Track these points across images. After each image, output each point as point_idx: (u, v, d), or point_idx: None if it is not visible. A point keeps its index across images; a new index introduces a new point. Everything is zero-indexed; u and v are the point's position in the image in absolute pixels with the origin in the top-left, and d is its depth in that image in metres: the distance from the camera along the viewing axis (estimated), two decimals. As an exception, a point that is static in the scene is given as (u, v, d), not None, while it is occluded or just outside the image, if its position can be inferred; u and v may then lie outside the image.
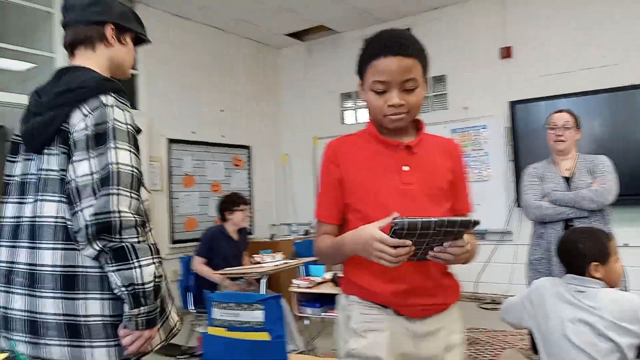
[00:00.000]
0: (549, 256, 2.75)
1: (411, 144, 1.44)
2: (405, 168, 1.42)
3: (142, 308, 1.35)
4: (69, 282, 1.36)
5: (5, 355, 1.34)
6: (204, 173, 6.56)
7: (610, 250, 1.92)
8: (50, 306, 1.36)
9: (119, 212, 1.31)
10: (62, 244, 1.38)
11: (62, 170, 1.39)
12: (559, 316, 1.87)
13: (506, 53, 5.89)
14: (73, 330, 1.36)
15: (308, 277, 3.31)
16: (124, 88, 1.47)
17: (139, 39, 1.65)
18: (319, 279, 3.20)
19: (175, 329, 1.58)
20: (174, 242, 6.05)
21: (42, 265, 1.38)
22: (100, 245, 1.31)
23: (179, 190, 6.22)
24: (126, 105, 1.43)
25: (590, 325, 1.80)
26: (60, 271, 1.37)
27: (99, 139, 1.34)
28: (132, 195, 1.34)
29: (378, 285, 1.40)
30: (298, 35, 7.28)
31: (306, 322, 3.33)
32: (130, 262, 1.32)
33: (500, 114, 5.87)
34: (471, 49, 6.15)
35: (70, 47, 1.55)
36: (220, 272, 4.05)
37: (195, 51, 6.51)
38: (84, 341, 1.36)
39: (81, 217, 1.32)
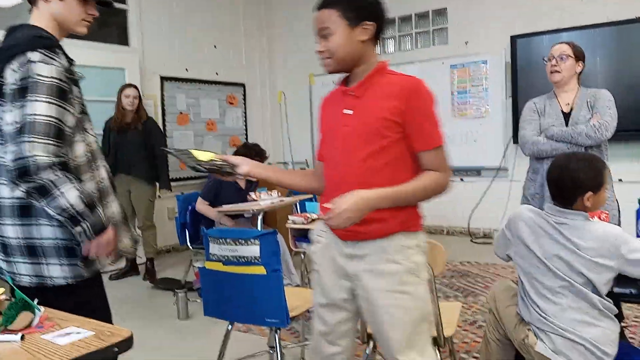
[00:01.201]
0: (543, 192, 2.76)
1: (351, 88, 1.61)
2: (347, 111, 1.61)
3: (82, 224, 1.55)
4: (24, 211, 1.60)
5: (2, 290, 1.36)
6: (198, 111, 6.49)
7: (604, 179, 1.89)
8: (11, 231, 1.62)
9: (34, 156, 1.46)
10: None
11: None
12: (536, 248, 1.88)
13: (508, -15, 5.68)
14: (31, 251, 1.62)
15: (304, 213, 3.34)
16: (57, 43, 1.62)
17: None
18: (314, 216, 3.22)
19: (125, 253, 1.80)
20: (170, 180, 6.04)
21: (2, 198, 1.63)
22: (25, 187, 1.49)
23: (173, 129, 6.16)
24: (54, 59, 1.56)
25: (566, 262, 1.81)
26: (17, 203, 1.60)
27: (22, 92, 1.51)
28: (49, 142, 1.49)
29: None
30: (293, -34, 6.99)
31: (302, 256, 3.39)
32: (53, 194, 1.50)
33: (501, 49, 5.74)
34: (472, -20, 5.93)
35: (27, 1, 1.68)
36: (218, 209, 4.08)
37: (186, -17, 6.27)
38: (40, 259, 1.62)
39: (7, 162, 1.50)
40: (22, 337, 1.19)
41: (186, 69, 6.28)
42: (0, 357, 1.10)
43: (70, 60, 1.69)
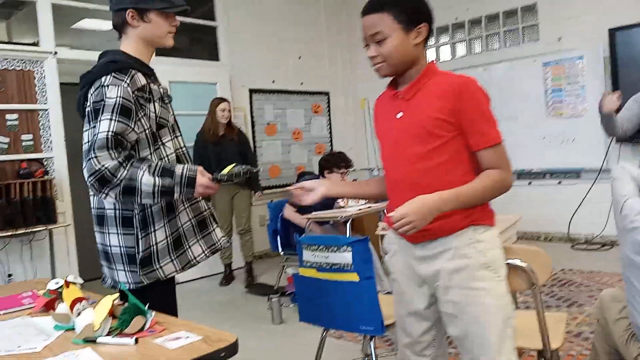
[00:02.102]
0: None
1: (401, 92, 1.60)
2: (399, 115, 1.60)
3: (175, 192, 1.67)
4: (100, 220, 1.79)
5: (116, 295, 1.45)
6: (285, 121, 6.64)
7: None
8: (99, 238, 1.82)
9: (103, 166, 1.60)
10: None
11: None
12: None
13: (606, -26, 5.33)
14: (105, 256, 1.80)
15: (393, 220, 3.31)
16: (134, 66, 1.75)
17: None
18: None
19: (193, 261, 1.87)
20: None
21: (93, 208, 1.84)
22: (113, 194, 1.63)
23: (262, 139, 6.35)
24: (122, 80, 1.69)
25: None
26: (97, 212, 1.80)
27: (95, 114, 1.67)
28: (111, 152, 1.62)
29: (387, 217, 1.63)
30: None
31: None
32: (135, 187, 1.63)
33: (599, 43, 5.38)
34: (565, -28, 5.62)
35: (116, 31, 1.86)
36: (306, 216, 4.14)
37: (272, 0, 6.46)
38: (111, 265, 1.78)
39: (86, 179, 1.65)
40: (136, 341, 1.27)
41: (273, 81, 6.46)
42: (117, 358, 1.17)
43: (152, 80, 1.83)
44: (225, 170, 1.76)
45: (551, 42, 5.78)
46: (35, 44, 4.65)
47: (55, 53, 4.61)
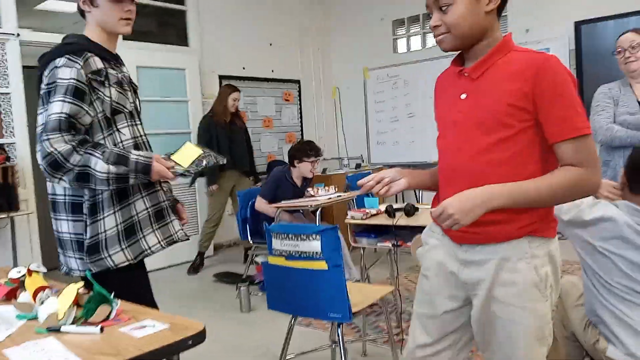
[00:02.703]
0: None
1: (467, 69, 1.39)
2: (463, 96, 1.40)
3: (129, 178, 1.68)
4: (53, 206, 1.79)
5: (80, 283, 1.42)
6: (255, 109, 6.59)
7: None
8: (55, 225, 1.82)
9: (55, 150, 1.59)
10: (49, 177, 1.73)
11: None
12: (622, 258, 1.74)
13: (572, -32, 5.43)
14: (59, 243, 1.80)
15: (362, 208, 3.33)
16: (85, 49, 1.72)
17: None
18: (373, 211, 3.21)
19: (147, 251, 1.84)
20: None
21: (48, 194, 1.82)
22: (66, 178, 1.62)
23: (232, 126, 6.28)
24: (76, 62, 1.68)
25: None
26: (50, 198, 1.80)
27: (47, 97, 1.66)
28: (63, 135, 1.61)
29: (434, 202, 1.50)
30: (346, -40, 6.97)
31: (362, 251, 3.40)
32: (90, 173, 1.62)
33: (565, 36, 5.51)
34: (533, -35, 5.70)
35: (81, 16, 1.84)
36: (276, 205, 4.13)
37: (241, -17, 6.36)
38: (65, 251, 1.79)
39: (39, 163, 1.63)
40: (102, 330, 1.25)
41: (243, 68, 6.39)
42: (82, 347, 1.16)
43: (111, 65, 1.80)
44: (190, 157, 1.74)
45: (519, 34, 5.87)
46: (-4, 25, 4.48)
47: (18, 35, 4.46)
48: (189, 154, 1.77)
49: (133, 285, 1.83)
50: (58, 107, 1.63)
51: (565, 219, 1.75)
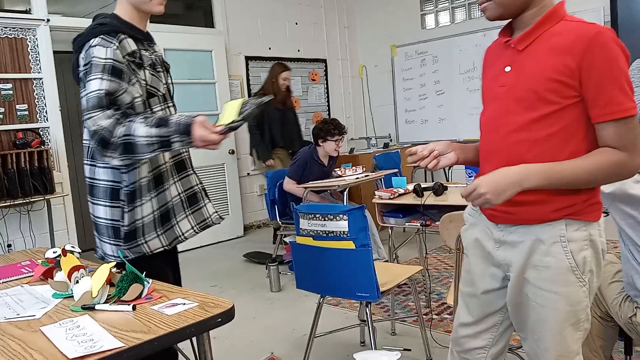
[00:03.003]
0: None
1: (513, 39, 1.32)
2: (507, 69, 1.33)
3: (172, 141, 1.56)
4: (92, 191, 1.76)
5: (113, 263, 1.46)
6: (282, 89, 6.57)
7: None
8: (90, 207, 1.80)
9: (100, 126, 1.57)
10: (89, 160, 1.76)
11: None
12: None
13: None
14: (97, 228, 1.78)
15: (390, 188, 3.31)
16: (118, 30, 1.70)
17: None
18: (401, 190, 3.19)
19: (181, 237, 1.84)
20: (258, 158, 6.22)
21: (86, 177, 1.79)
22: (117, 156, 1.58)
23: (259, 107, 6.29)
24: (111, 42, 1.66)
25: None
26: (88, 182, 1.77)
27: (85, 76, 1.64)
28: (105, 111, 1.59)
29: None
30: None
31: (389, 231, 3.39)
32: (134, 142, 1.56)
33: (600, 7, 5.31)
34: None
35: None
36: (304, 185, 4.14)
37: (266, -38, 6.31)
38: (101, 236, 1.77)
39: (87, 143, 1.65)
40: (134, 308, 1.28)
41: (269, 48, 6.37)
42: (115, 325, 1.19)
43: (144, 46, 1.78)
44: (230, 118, 1.57)
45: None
46: (28, 12, 4.56)
47: (48, 20, 4.53)
48: (230, 110, 1.63)
49: (164, 270, 1.84)
50: (96, 84, 1.61)
51: (606, 191, 1.71)
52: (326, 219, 2.19)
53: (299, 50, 6.73)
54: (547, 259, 1.30)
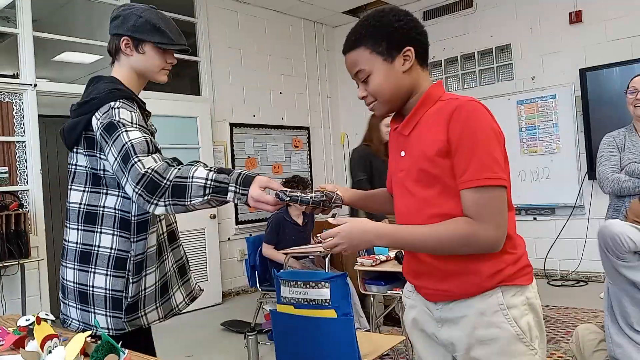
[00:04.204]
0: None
1: (399, 127, 1.41)
2: (402, 153, 1.40)
3: (230, 188, 1.44)
4: (84, 257, 1.64)
5: (88, 332, 1.41)
6: (265, 155, 6.67)
7: None
8: (70, 274, 1.67)
9: (149, 168, 1.46)
10: (83, 225, 1.65)
11: (88, 167, 1.65)
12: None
13: (576, 17, 5.56)
14: (83, 297, 1.65)
15: (372, 255, 3.31)
16: (134, 96, 1.68)
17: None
18: (383, 257, 3.19)
19: (175, 309, 1.80)
20: (239, 222, 6.20)
21: (68, 242, 1.69)
22: (163, 201, 1.46)
23: (241, 173, 6.34)
24: (133, 108, 1.62)
25: None
26: (82, 249, 1.65)
27: (112, 130, 1.54)
28: (152, 154, 1.51)
29: (405, 261, 1.47)
30: (354, 11, 7.19)
31: (371, 299, 3.35)
32: (186, 184, 1.45)
33: (570, 83, 5.58)
34: (538, 14, 5.84)
35: (110, 55, 1.78)
36: (284, 251, 4.12)
37: (254, 35, 6.56)
38: (90, 307, 1.65)
39: (131, 197, 1.50)
40: (109, 380, 1.24)
41: (254, 115, 6.51)
42: (88, 398, 1.14)
43: (144, 113, 1.75)
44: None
45: (525, 81, 5.96)
46: (15, 76, 4.63)
47: (35, 85, 4.60)
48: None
49: (146, 342, 1.79)
50: (138, 133, 1.53)
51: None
52: (308, 286, 2.17)
53: (282, 118, 6.88)
54: (491, 330, 1.27)
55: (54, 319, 1.64)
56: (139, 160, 1.47)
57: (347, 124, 7.64)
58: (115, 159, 1.52)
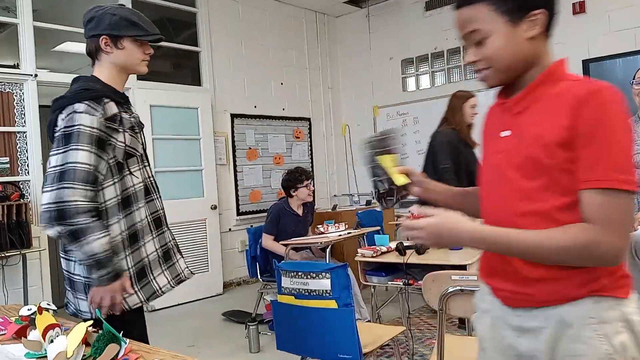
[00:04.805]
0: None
1: (509, 102, 1.20)
2: (505, 133, 1.20)
3: (103, 270, 1.66)
4: (65, 246, 1.76)
5: (90, 322, 1.42)
6: (266, 146, 6.66)
7: None
8: (64, 264, 1.80)
9: (75, 201, 1.60)
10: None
11: None
12: None
13: (579, 8, 5.53)
14: (70, 283, 1.79)
15: (373, 246, 3.31)
16: (104, 95, 1.74)
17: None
18: (383, 248, 3.19)
19: (158, 291, 1.86)
20: (240, 213, 6.21)
21: None
22: (60, 229, 1.62)
23: (243, 164, 6.35)
24: (97, 110, 1.70)
25: None
26: None
27: (67, 139, 1.65)
28: (88, 188, 1.64)
29: (482, 256, 1.29)
30: (356, 1, 7.15)
31: (372, 290, 3.36)
32: (82, 240, 1.62)
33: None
34: (539, 6, 5.80)
35: (89, 57, 1.86)
36: (284, 242, 4.13)
37: (255, 26, 6.54)
38: (75, 293, 1.78)
39: (43, 205, 1.63)
40: (110, 369, 1.24)
41: (254, 106, 6.50)
42: (90, 387, 1.15)
43: (124, 108, 1.82)
44: (399, 181, 1.35)
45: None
46: (16, 66, 4.61)
47: (36, 75, 4.59)
48: (388, 165, 1.38)
49: (136, 326, 1.82)
50: (85, 158, 1.64)
51: None
52: (309, 277, 2.17)
53: (283, 109, 6.86)
54: (578, 346, 1.08)
55: (55, 308, 1.65)
56: (72, 188, 1.61)
57: (349, 115, 7.63)
58: (56, 166, 1.64)
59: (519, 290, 1.15)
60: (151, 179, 1.92)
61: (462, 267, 2.62)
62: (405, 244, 3.08)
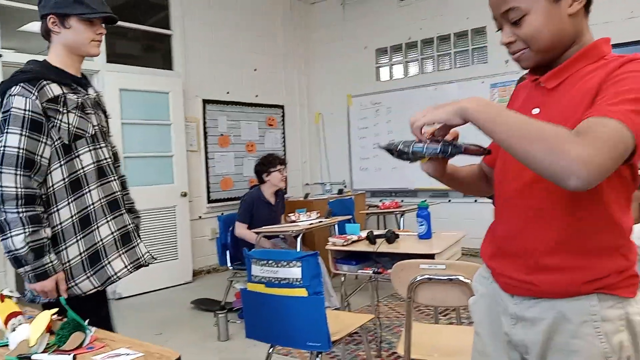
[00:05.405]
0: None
1: (543, 78, 1.12)
2: (535, 111, 1.12)
3: (25, 267, 1.65)
4: None
5: (54, 310, 1.39)
6: (239, 133, 6.60)
7: None
8: None
9: (3, 189, 1.60)
10: None
11: None
12: None
13: None
14: None
15: (344, 235, 3.33)
16: (41, 77, 1.70)
17: (106, 18, 1.83)
18: (354, 237, 3.21)
19: (114, 277, 1.83)
20: (211, 201, 6.16)
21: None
22: None
23: (214, 151, 6.28)
24: (31, 92, 1.66)
25: None
26: None
27: (3, 124, 1.65)
28: (17, 172, 1.62)
29: (487, 237, 1.26)
30: (331, -10, 7.12)
31: (342, 279, 3.38)
32: (5, 233, 1.62)
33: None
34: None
35: (45, 39, 1.83)
36: (256, 230, 4.11)
37: (229, 11, 6.44)
38: None
39: None
40: (74, 358, 1.22)
41: (227, 92, 6.42)
42: (53, 376, 1.13)
43: (73, 90, 1.78)
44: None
45: (499, 65, 6.01)
46: (-22, 45, 4.45)
47: (1, 56, 4.43)
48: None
49: (100, 314, 1.82)
50: (15, 141, 1.63)
51: None
52: (279, 265, 2.17)
53: (256, 96, 6.80)
54: (574, 341, 1.06)
55: (18, 295, 1.61)
56: (1, 172, 1.61)
57: (323, 103, 7.61)
58: None
59: (522, 279, 1.11)
60: (107, 160, 1.87)
61: (431, 256, 2.66)
62: (375, 232, 3.10)
